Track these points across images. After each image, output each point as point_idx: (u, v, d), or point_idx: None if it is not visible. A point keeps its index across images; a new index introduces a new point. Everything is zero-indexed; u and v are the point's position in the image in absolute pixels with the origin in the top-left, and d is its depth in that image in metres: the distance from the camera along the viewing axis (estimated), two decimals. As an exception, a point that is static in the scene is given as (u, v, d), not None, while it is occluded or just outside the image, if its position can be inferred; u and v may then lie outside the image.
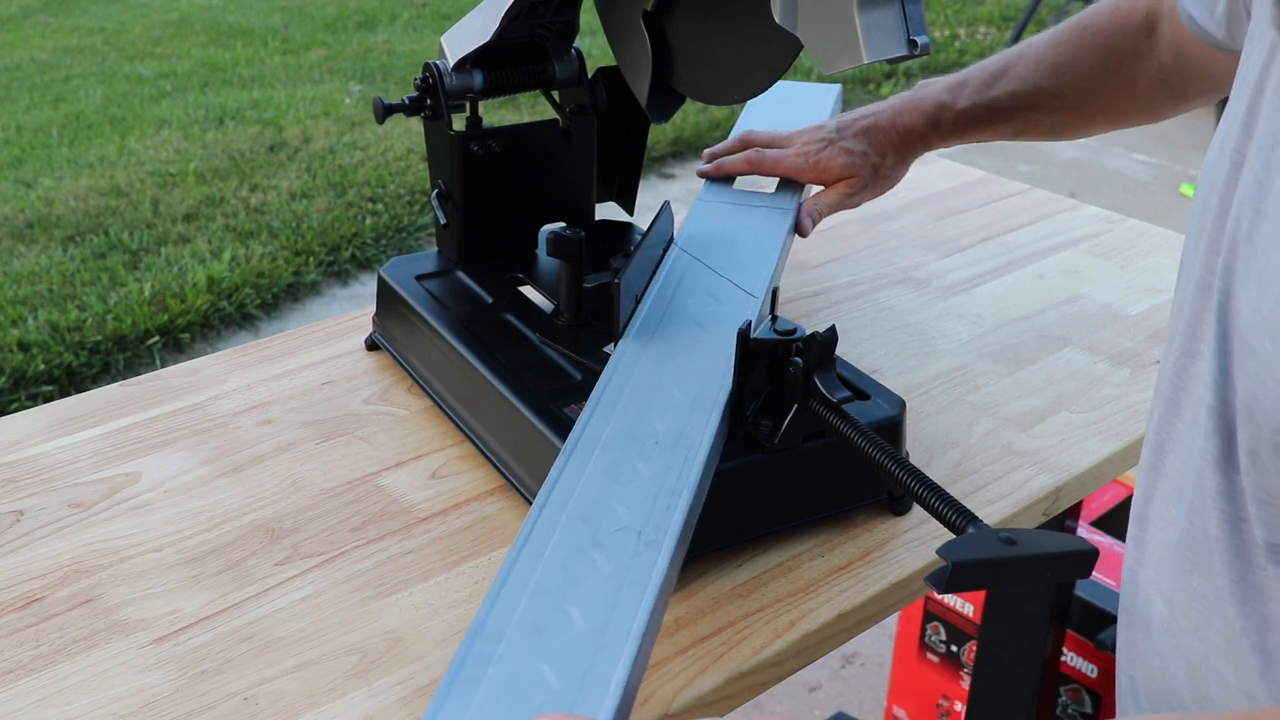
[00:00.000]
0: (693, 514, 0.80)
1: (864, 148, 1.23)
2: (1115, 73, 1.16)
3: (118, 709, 0.80)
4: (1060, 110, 1.20)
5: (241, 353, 1.23)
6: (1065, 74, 1.18)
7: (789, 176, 1.25)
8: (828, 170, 1.23)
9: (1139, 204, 4.05)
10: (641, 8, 1.08)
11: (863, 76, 5.23)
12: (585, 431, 0.86)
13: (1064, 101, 1.19)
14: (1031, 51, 1.21)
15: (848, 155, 1.22)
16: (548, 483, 0.81)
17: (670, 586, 0.76)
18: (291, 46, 5.89)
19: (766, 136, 1.29)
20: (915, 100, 1.24)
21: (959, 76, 1.23)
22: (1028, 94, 1.19)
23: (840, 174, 1.22)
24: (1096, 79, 1.17)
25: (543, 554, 0.74)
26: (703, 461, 0.83)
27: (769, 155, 1.25)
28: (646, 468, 0.82)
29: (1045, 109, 1.20)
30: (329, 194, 3.97)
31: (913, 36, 0.88)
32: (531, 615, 0.69)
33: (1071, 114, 1.20)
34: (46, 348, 3.02)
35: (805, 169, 1.23)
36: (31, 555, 0.94)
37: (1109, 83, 1.17)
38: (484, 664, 0.66)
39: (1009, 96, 1.20)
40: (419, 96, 1.17)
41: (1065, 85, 1.18)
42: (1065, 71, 1.18)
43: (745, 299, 1.04)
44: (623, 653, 0.67)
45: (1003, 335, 1.27)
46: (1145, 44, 1.15)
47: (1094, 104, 1.19)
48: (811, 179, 1.24)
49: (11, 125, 4.72)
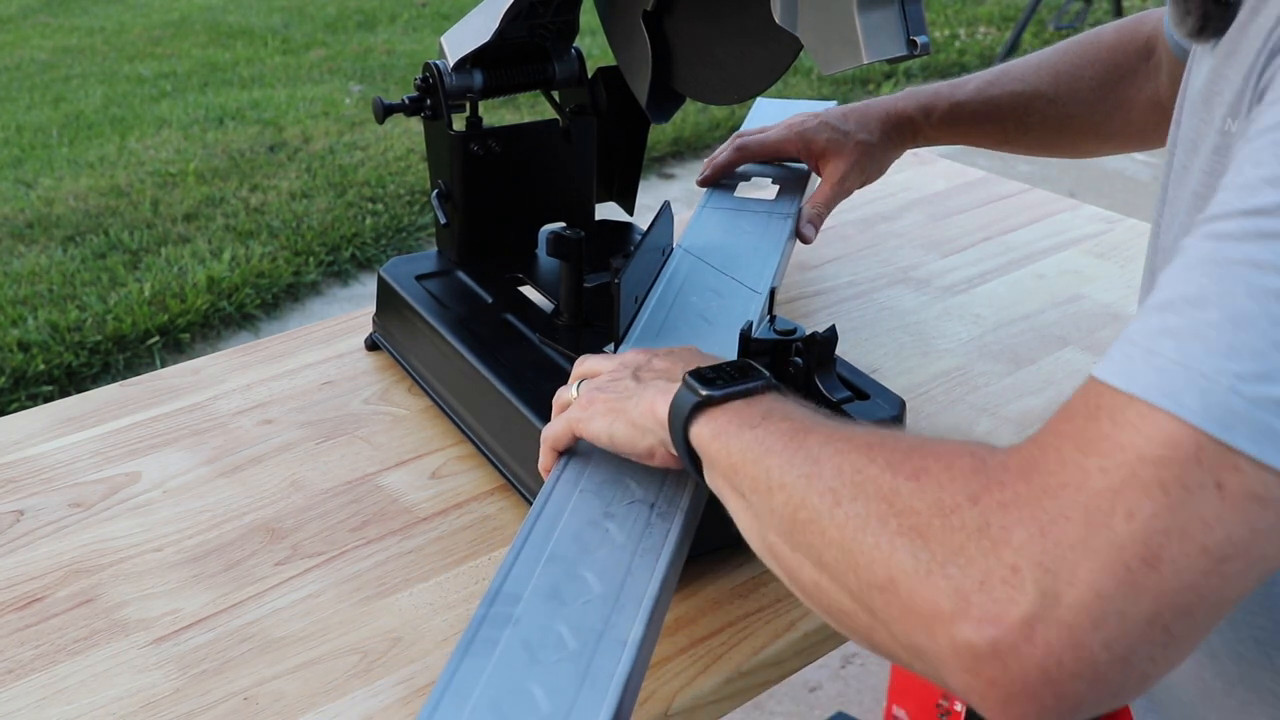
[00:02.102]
0: (702, 490, 0.81)
1: (850, 128, 1.23)
2: (1114, 89, 1.17)
3: (118, 709, 0.80)
4: (1055, 118, 1.20)
5: (241, 353, 1.23)
6: (1066, 80, 1.18)
7: (774, 150, 1.26)
8: (813, 142, 1.23)
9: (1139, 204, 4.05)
10: (641, 8, 1.08)
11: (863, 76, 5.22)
12: None
13: (1060, 109, 1.19)
14: (1036, 57, 1.22)
15: (833, 131, 1.23)
16: (558, 463, 0.83)
17: (681, 559, 0.77)
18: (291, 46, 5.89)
19: (756, 129, 1.31)
20: (913, 90, 1.26)
21: (963, 77, 1.24)
22: (1026, 95, 1.20)
23: (824, 148, 1.23)
24: (1096, 91, 1.17)
25: (557, 525, 0.76)
26: None
27: (755, 138, 1.27)
28: None
29: (1040, 114, 1.20)
30: (329, 194, 3.97)
31: (913, 36, 0.88)
32: (548, 579, 0.71)
33: (1065, 124, 1.20)
34: (46, 348, 3.02)
35: (791, 139, 1.25)
36: (31, 555, 0.94)
37: (1107, 98, 1.17)
38: (502, 625, 0.67)
39: (1008, 96, 1.20)
40: (419, 96, 1.17)
41: (1065, 92, 1.18)
42: (1066, 78, 1.18)
43: (749, 295, 1.05)
44: (638, 614, 0.68)
45: (1003, 335, 1.27)
46: (1144, 66, 1.16)
47: (1089, 117, 1.19)
48: (797, 150, 1.25)
49: (11, 125, 4.71)
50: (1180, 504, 0.49)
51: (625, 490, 0.80)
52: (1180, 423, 0.49)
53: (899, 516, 0.55)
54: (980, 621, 0.51)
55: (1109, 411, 0.51)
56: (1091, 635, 0.49)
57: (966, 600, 0.51)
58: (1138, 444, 0.50)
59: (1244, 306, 0.50)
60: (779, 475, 0.63)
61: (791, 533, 0.61)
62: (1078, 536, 0.50)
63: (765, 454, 0.65)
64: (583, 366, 0.86)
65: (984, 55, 5.60)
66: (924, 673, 0.56)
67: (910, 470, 0.56)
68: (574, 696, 0.63)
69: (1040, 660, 0.50)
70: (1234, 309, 0.50)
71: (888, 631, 0.56)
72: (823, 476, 0.60)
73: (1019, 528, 0.51)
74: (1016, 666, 0.50)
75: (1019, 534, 0.51)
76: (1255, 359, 0.49)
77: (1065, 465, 0.51)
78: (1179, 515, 0.49)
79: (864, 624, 0.58)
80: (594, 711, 0.62)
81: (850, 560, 0.57)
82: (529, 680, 0.64)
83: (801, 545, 0.60)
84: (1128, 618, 0.49)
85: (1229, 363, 0.49)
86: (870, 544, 0.56)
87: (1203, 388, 0.49)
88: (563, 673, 0.64)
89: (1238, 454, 0.49)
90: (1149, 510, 0.49)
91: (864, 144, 1.23)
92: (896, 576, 0.54)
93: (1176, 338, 0.51)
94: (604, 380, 0.82)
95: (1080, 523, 0.50)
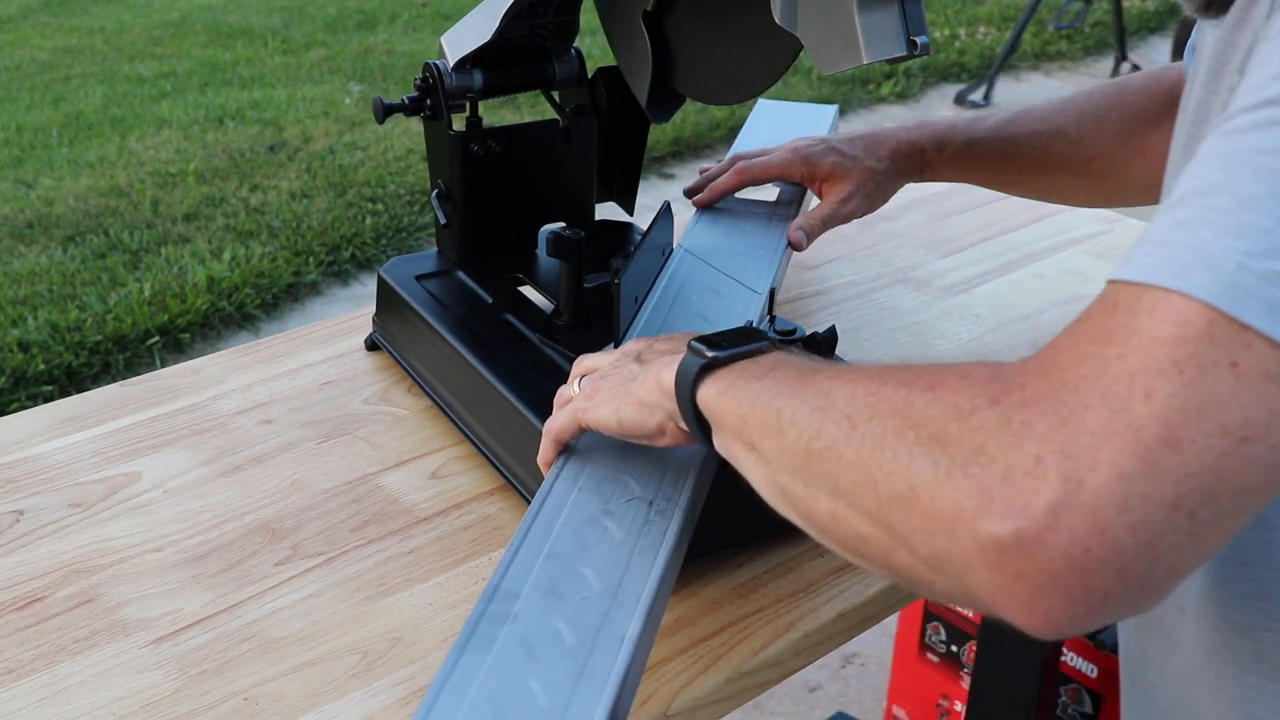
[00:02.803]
0: (701, 488, 0.81)
1: (858, 153, 1.20)
2: (1138, 134, 1.14)
3: (118, 709, 0.80)
4: (1075, 160, 1.16)
5: (241, 353, 1.23)
6: (1090, 122, 1.15)
7: (777, 174, 1.22)
8: (818, 166, 1.19)
9: (1139, 204, 4.06)
10: (641, 8, 1.08)
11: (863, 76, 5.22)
12: None
13: (1082, 151, 1.16)
14: (1060, 98, 1.19)
15: (838, 155, 1.20)
16: (558, 460, 0.83)
17: (680, 557, 0.78)
18: (291, 46, 5.89)
19: (756, 151, 1.27)
20: (928, 120, 1.22)
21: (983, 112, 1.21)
22: (1047, 135, 1.16)
23: (830, 172, 1.19)
24: (1118, 135, 1.14)
25: (556, 522, 0.76)
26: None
27: (757, 161, 1.23)
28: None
29: (1060, 156, 1.16)
30: (329, 194, 3.97)
31: (912, 36, 0.88)
32: (546, 576, 0.71)
33: (1085, 167, 1.16)
34: (46, 348, 3.02)
35: (795, 163, 1.21)
36: (31, 555, 0.94)
37: (1130, 142, 1.14)
38: (500, 621, 0.68)
39: (1027, 135, 1.17)
40: (419, 96, 1.17)
41: (1087, 133, 1.15)
42: (1090, 119, 1.15)
43: (749, 295, 1.05)
44: (636, 611, 0.69)
45: (1003, 335, 1.27)
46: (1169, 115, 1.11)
47: (1110, 162, 1.15)
48: (801, 174, 1.21)
49: (11, 125, 4.71)
50: (1196, 382, 0.49)
51: (624, 487, 0.80)
52: (1191, 301, 0.50)
53: (916, 428, 0.55)
54: (1004, 514, 0.51)
55: (1125, 305, 0.53)
56: (1117, 519, 0.49)
57: (989, 496, 0.51)
58: (1152, 328, 0.51)
59: (1251, 189, 0.51)
60: (790, 414, 0.63)
61: (806, 466, 0.61)
62: (1098, 422, 0.50)
63: (774, 398, 0.65)
64: (582, 364, 0.86)
65: (984, 55, 5.60)
66: (946, 590, 0.55)
67: (925, 384, 0.57)
68: (571, 692, 0.63)
69: (1066, 547, 0.50)
70: (1241, 192, 0.51)
71: (907, 548, 0.55)
72: (836, 405, 0.60)
73: (1039, 420, 0.51)
74: (1042, 556, 0.50)
75: (1040, 426, 0.51)
76: (1262, 236, 0.50)
77: (1084, 359, 0.52)
78: (1195, 394, 0.49)
79: (882, 546, 0.57)
80: (591, 707, 0.62)
81: (868, 478, 0.57)
82: (527, 676, 0.64)
83: (817, 477, 0.60)
84: (1151, 500, 0.49)
85: (1237, 241, 0.50)
86: (889, 458, 0.56)
87: (1211, 266, 0.50)
88: (560, 669, 0.64)
89: (1249, 330, 0.50)
90: (1166, 390, 0.50)
91: (870, 170, 1.19)
92: (916, 484, 0.54)
93: (1187, 227, 0.52)
94: (606, 369, 0.82)
95: (1100, 408, 0.50)
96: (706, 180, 1.26)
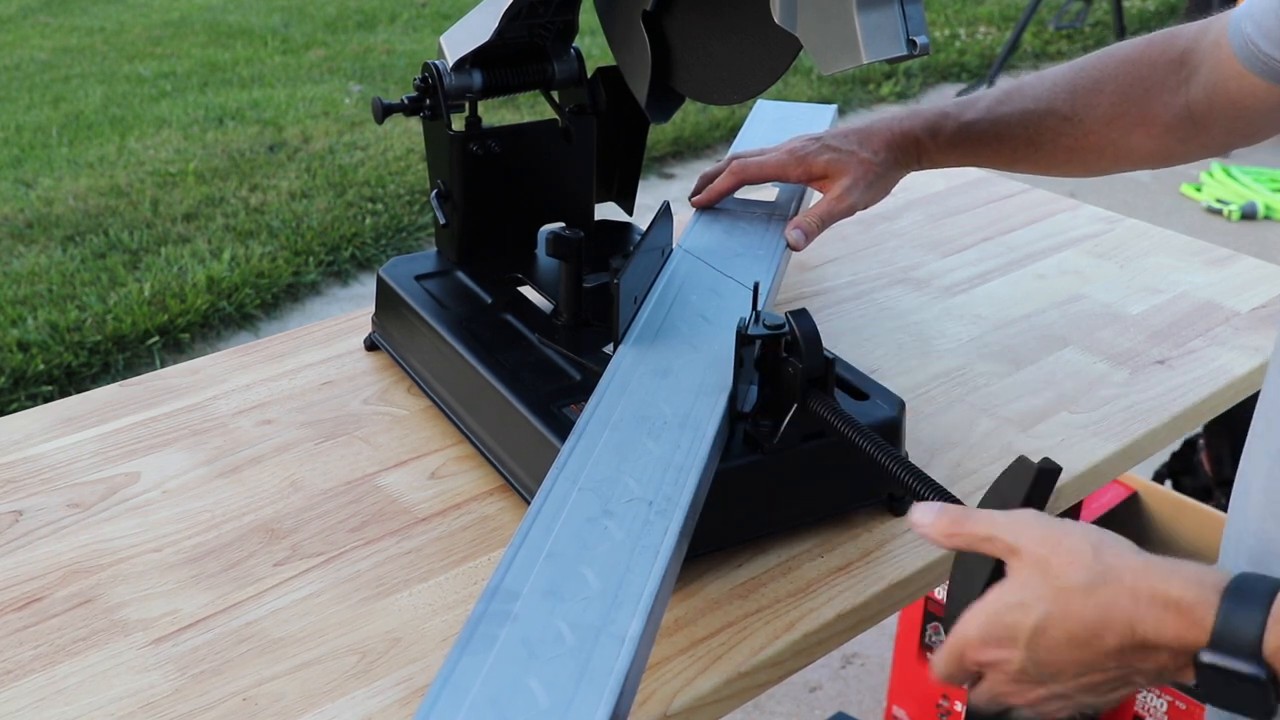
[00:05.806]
0: (701, 489, 0.81)
1: (853, 146, 1.19)
2: (1136, 104, 1.11)
3: (117, 709, 0.80)
4: (1069, 136, 1.14)
5: (241, 353, 1.22)
6: (1083, 96, 1.12)
7: (774, 175, 1.22)
8: (813, 165, 1.18)
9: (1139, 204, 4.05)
10: (641, 8, 1.08)
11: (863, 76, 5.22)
12: (594, 414, 0.88)
13: (1076, 127, 1.13)
14: (1051, 73, 1.17)
15: (833, 152, 1.18)
16: (558, 460, 0.83)
17: (680, 557, 0.78)
18: (291, 46, 5.89)
19: (754, 151, 1.26)
20: (920, 109, 1.21)
21: (974, 95, 1.19)
22: (1039, 113, 1.14)
23: (826, 169, 1.18)
24: (1115, 106, 1.11)
25: (556, 523, 0.76)
26: (710, 440, 0.85)
27: (753, 161, 1.22)
28: (656, 445, 0.84)
29: (1053, 132, 1.14)
30: (329, 194, 3.96)
31: (912, 36, 0.88)
32: (547, 577, 0.71)
33: (1080, 142, 1.14)
34: (46, 348, 3.02)
35: (790, 164, 1.20)
36: (31, 555, 0.94)
37: (1128, 113, 1.11)
38: (501, 621, 0.68)
39: (1019, 115, 1.15)
40: (418, 96, 1.17)
41: (1081, 108, 1.12)
42: (1084, 94, 1.12)
43: (748, 295, 1.05)
44: (636, 610, 0.69)
45: (1003, 335, 1.27)
46: (1174, 80, 1.09)
47: (1106, 134, 1.12)
48: (797, 175, 1.20)
49: (11, 125, 4.71)
50: None
51: (624, 488, 0.80)
52: None
53: None
54: None
55: None
56: None
57: None
58: None
59: None
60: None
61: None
62: None
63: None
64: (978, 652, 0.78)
65: (984, 55, 5.60)
66: None
67: None
68: (572, 692, 0.63)
69: None
70: None
71: None
72: None
73: None
74: None
75: None
76: None
77: None
78: None
79: None
80: (592, 707, 0.62)
81: None
82: (528, 676, 0.64)
83: None
84: None
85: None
86: None
87: None
88: (561, 668, 0.64)
89: None
90: None
91: (867, 162, 1.18)
92: None
93: None
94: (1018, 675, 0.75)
95: None
96: (705, 182, 1.26)
